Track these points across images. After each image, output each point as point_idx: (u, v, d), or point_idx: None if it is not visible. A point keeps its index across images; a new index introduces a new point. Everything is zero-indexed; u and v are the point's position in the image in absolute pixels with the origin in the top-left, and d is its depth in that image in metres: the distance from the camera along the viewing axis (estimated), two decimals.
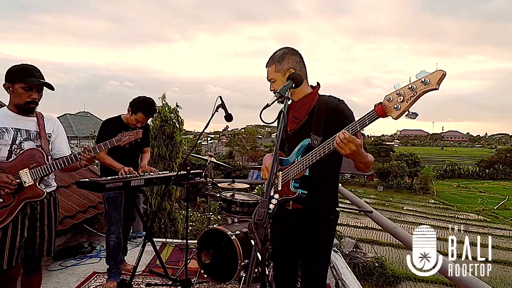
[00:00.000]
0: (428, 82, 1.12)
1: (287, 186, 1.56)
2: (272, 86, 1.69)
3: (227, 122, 2.72)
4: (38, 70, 1.89)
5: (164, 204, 5.73)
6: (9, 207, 1.81)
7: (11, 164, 1.83)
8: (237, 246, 2.47)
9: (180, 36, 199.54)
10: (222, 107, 2.57)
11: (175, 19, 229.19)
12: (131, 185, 2.43)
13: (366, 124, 1.27)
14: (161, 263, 2.75)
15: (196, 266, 2.86)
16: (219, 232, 2.60)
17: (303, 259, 1.70)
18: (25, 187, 1.84)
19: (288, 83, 1.43)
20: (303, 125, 1.64)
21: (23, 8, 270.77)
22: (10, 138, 1.85)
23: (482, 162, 49.90)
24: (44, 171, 1.86)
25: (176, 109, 6.12)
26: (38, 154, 1.89)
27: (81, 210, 3.44)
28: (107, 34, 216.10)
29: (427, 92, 1.13)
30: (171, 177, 2.71)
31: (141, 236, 3.79)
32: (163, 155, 5.91)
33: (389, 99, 1.20)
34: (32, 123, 1.95)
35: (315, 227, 1.63)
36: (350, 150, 1.30)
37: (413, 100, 1.15)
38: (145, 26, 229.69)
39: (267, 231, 0.88)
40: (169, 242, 3.74)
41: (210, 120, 2.58)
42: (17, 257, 1.85)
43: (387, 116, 1.22)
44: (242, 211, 2.97)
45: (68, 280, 2.80)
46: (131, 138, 2.02)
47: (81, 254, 3.30)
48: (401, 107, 1.17)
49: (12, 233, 1.83)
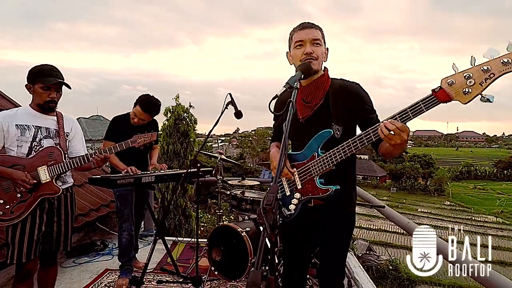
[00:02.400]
0: (510, 62, 1.00)
1: (311, 183, 1.45)
2: (311, 47, 1.46)
3: (237, 119, 2.69)
4: (56, 70, 1.92)
5: (179, 200, 5.82)
6: (26, 202, 1.85)
7: (31, 161, 1.88)
8: (247, 243, 2.46)
9: (190, 40, 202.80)
10: (232, 104, 2.55)
11: (185, 23, 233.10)
12: (142, 181, 2.45)
13: (423, 111, 1.15)
14: (172, 261, 2.75)
15: (207, 264, 2.85)
16: (229, 229, 2.59)
17: (324, 255, 1.61)
18: (42, 184, 1.88)
19: (297, 73, 1.36)
20: (319, 110, 1.50)
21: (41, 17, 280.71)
22: (31, 135, 1.90)
23: (500, 163, 48.50)
24: (61, 169, 1.91)
25: (189, 108, 6.28)
26: (57, 152, 1.94)
27: (93, 208, 3.49)
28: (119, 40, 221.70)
29: (507, 73, 1.02)
30: (181, 174, 2.72)
31: (152, 235, 3.81)
32: (177, 152, 6.02)
33: (451, 82, 1.09)
34: (52, 121, 2.00)
35: (338, 222, 1.54)
36: (400, 140, 1.18)
37: (490, 82, 1.04)
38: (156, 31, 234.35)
39: (276, 216, 0.86)
40: (180, 240, 3.74)
41: (220, 117, 2.57)
42: (35, 251, 1.88)
43: (452, 101, 1.10)
44: (253, 208, 2.95)
45: (81, 276, 2.83)
46: (146, 140, 2.05)
47: (94, 252, 3.34)
48: (473, 91, 1.06)
49: (31, 227, 1.87)
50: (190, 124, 6.23)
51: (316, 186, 1.43)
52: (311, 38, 1.47)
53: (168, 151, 5.94)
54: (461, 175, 47.10)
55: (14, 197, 1.83)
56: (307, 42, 1.47)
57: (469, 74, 1.06)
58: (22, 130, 1.88)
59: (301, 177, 1.49)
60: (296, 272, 1.71)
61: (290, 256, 1.72)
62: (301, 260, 1.70)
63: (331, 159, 1.38)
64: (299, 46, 1.49)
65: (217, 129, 2.61)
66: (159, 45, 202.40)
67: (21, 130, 1.87)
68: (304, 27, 1.49)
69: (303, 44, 1.48)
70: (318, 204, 1.53)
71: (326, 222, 1.54)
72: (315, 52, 1.47)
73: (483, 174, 47.65)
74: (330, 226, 1.54)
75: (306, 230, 1.61)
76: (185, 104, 6.24)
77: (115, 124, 2.80)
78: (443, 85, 1.10)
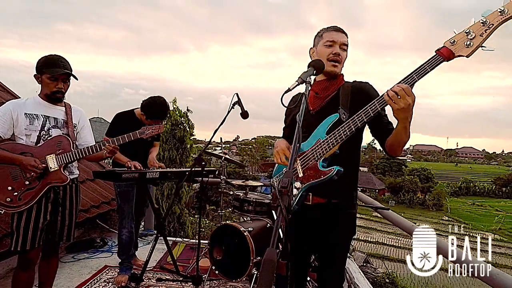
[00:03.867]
0: (507, 11, 1.09)
1: (313, 169, 1.43)
2: (340, 50, 1.54)
3: (243, 119, 2.70)
4: (63, 60, 1.94)
5: (174, 207, 5.72)
6: (34, 190, 1.86)
7: (39, 149, 1.90)
8: (249, 242, 2.45)
9: (194, 47, 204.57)
10: (239, 104, 2.57)
11: (189, 29, 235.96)
12: (146, 177, 2.45)
13: (427, 72, 1.20)
14: (172, 259, 2.74)
15: (207, 265, 2.83)
16: (232, 228, 2.59)
17: (324, 256, 1.58)
18: (50, 172, 1.90)
19: (309, 69, 1.36)
20: (329, 102, 1.54)
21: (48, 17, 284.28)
22: (40, 124, 1.92)
23: (499, 180, 48.47)
24: (70, 158, 1.92)
25: (186, 113, 6.15)
26: (65, 141, 1.96)
27: (94, 205, 3.48)
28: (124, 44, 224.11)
29: (507, 20, 1.10)
30: (185, 173, 2.72)
31: (152, 234, 3.80)
32: (173, 159, 5.92)
33: (452, 41, 1.16)
34: (60, 112, 2.02)
35: (338, 222, 1.52)
36: (405, 104, 1.20)
37: (489, 32, 1.12)
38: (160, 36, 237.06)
39: (291, 199, 0.87)
40: (180, 241, 3.73)
41: (226, 116, 2.58)
42: (39, 239, 1.89)
43: (455, 57, 1.16)
44: (255, 210, 2.96)
45: (81, 272, 2.82)
46: (154, 132, 2.07)
47: (93, 249, 3.32)
48: (474, 43, 1.13)
49: (36, 215, 1.88)
50: (187, 130, 6.10)
51: (318, 170, 1.42)
52: (341, 41, 1.55)
53: (163, 158, 5.78)
54: (460, 191, 47.01)
55: (23, 184, 1.84)
56: (337, 44, 1.54)
57: (469, 30, 1.15)
58: (31, 119, 1.89)
59: (303, 164, 1.49)
60: (295, 275, 1.67)
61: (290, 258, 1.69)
62: (300, 262, 1.67)
63: (336, 137, 1.39)
64: (329, 46, 1.55)
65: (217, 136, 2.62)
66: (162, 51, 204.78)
67: (30, 119, 1.89)
68: (337, 30, 1.57)
69: (333, 44, 1.54)
70: (319, 202, 1.52)
71: (326, 222, 1.53)
72: (342, 56, 1.55)
73: (481, 190, 47.56)
74: (330, 226, 1.53)
75: (306, 230, 1.59)
76: (183, 109, 6.06)
77: (118, 121, 2.77)
78: (445, 44, 1.18)
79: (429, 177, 40.72)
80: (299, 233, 1.60)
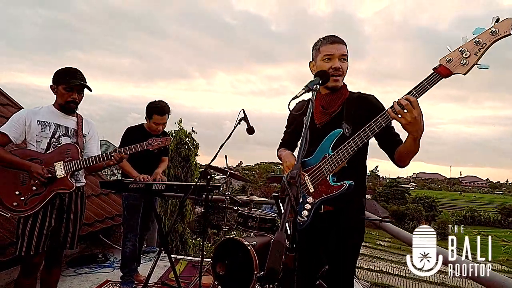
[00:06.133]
0: (497, 31, 1.16)
1: (324, 183, 1.45)
2: (339, 63, 1.51)
3: (249, 135, 2.76)
4: (79, 73, 2.05)
5: (177, 226, 5.70)
6: (40, 195, 1.91)
7: (49, 156, 1.96)
8: (253, 257, 2.44)
9: (199, 74, 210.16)
10: (245, 120, 2.64)
11: (195, 57, 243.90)
12: (152, 188, 2.49)
13: (427, 89, 1.24)
14: (175, 274, 2.70)
15: (210, 282, 2.80)
16: (235, 241, 2.59)
17: (334, 262, 1.57)
18: (57, 179, 1.95)
19: (316, 79, 1.39)
20: (336, 117, 1.54)
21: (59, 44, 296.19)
22: (51, 132, 1.99)
23: (504, 210, 47.54)
24: (77, 166, 1.98)
25: (191, 133, 6.34)
26: (74, 150, 2.02)
27: (98, 219, 3.49)
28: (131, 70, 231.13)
29: (498, 40, 1.17)
30: (190, 186, 2.75)
31: (154, 251, 3.77)
32: (178, 177, 6.02)
33: (448, 59, 1.22)
34: (72, 121, 2.10)
35: (348, 229, 1.53)
36: (411, 118, 1.21)
37: (483, 51, 1.18)
38: (167, 63, 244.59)
39: (299, 190, 0.92)
40: (182, 258, 3.68)
41: (233, 131, 2.65)
42: (43, 245, 1.91)
43: (453, 74, 1.22)
44: (259, 226, 2.95)
45: (82, 286, 2.79)
46: (161, 144, 2.12)
47: (95, 263, 3.29)
48: (470, 61, 1.19)
49: (41, 221, 1.91)
50: (192, 149, 6.28)
51: (330, 185, 1.43)
52: (340, 53, 1.51)
53: (169, 175, 5.92)
54: (465, 220, 45.99)
55: (30, 190, 1.89)
56: (336, 57, 1.51)
57: (464, 49, 1.21)
58: (43, 126, 1.97)
59: (313, 180, 1.49)
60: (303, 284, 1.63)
61: (299, 267, 1.62)
62: (309, 271, 1.65)
63: (343, 153, 1.40)
64: (328, 60, 1.52)
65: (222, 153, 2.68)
66: (169, 77, 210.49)
67: (42, 126, 1.97)
68: (334, 42, 1.52)
69: (331, 58, 1.51)
70: (328, 210, 1.53)
71: (337, 229, 1.53)
72: (342, 68, 1.52)
73: (487, 220, 46.53)
74: (339, 232, 1.53)
75: (316, 239, 1.58)
76: (187, 129, 6.33)
77: (129, 134, 2.87)
78: (442, 62, 1.23)
79: (433, 206, 40.07)
80: (308, 242, 1.58)
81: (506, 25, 1.16)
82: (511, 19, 1.15)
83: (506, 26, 1.16)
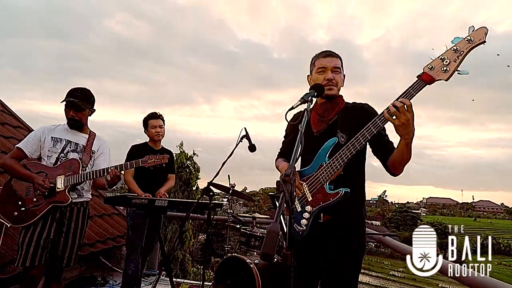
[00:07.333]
0: (473, 40, 1.24)
1: (321, 192, 1.46)
2: (331, 74, 1.59)
3: (251, 152, 2.76)
4: (79, 91, 2.09)
5: (177, 253, 5.55)
6: (39, 207, 1.95)
7: (54, 170, 2.03)
8: (256, 275, 2.36)
9: (203, 100, 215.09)
10: (246, 137, 2.66)
11: (200, 84, 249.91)
12: (155, 204, 2.47)
13: (413, 96, 1.30)
14: None
15: None
16: (237, 260, 2.51)
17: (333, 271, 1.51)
18: (57, 192, 1.98)
19: (311, 91, 1.44)
20: (332, 125, 1.59)
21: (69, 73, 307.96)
22: (60, 147, 2.07)
23: None
24: (76, 180, 2.00)
25: (192, 157, 6.33)
26: (76, 164, 2.06)
27: (100, 240, 3.45)
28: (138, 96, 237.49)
29: (475, 47, 1.24)
30: (193, 203, 2.72)
31: (155, 274, 3.66)
32: None
33: (431, 67, 1.29)
34: (83, 138, 2.17)
35: (348, 235, 1.51)
36: (405, 120, 1.27)
37: (462, 58, 1.26)
38: (172, 90, 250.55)
39: (293, 188, 0.90)
40: (182, 282, 3.57)
41: (235, 148, 2.66)
42: (40, 257, 1.89)
43: (436, 81, 1.28)
44: (261, 245, 2.87)
45: None
46: (156, 162, 2.10)
47: (94, 286, 3.20)
48: (450, 68, 1.26)
49: (39, 232, 1.92)
50: (193, 172, 6.25)
51: (326, 193, 1.44)
52: (332, 65, 1.60)
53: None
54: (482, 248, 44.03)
55: (31, 201, 1.94)
56: (329, 69, 1.60)
57: (444, 57, 1.29)
58: (54, 142, 2.06)
59: (311, 188, 1.51)
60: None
61: (297, 278, 1.62)
62: (309, 281, 1.61)
63: (338, 161, 1.42)
64: (321, 72, 1.61)
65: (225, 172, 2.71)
66: (174, 103, 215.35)
67: (54, 141, 2.06)
68: (327, 55, 1.63)
69: (325, 70, 1.61)
70: (327, 219, 1.52)
71: (335, 237, 1.51)
72: (335, 79, 1.60)
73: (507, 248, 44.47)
74: (338, 240, 1.50)
75: (315, 248, 1.56)
76: (189, 152, 6.35)
77: (133, 151, 2.93)
78: (425, 70, 1.30)
79: (447, 232, 38.65)
80: (307, 250, 1.57)
81: (480, 34, 1.24)
82: (485, 28, 1.23)
83: (481, 34, 1.23)
